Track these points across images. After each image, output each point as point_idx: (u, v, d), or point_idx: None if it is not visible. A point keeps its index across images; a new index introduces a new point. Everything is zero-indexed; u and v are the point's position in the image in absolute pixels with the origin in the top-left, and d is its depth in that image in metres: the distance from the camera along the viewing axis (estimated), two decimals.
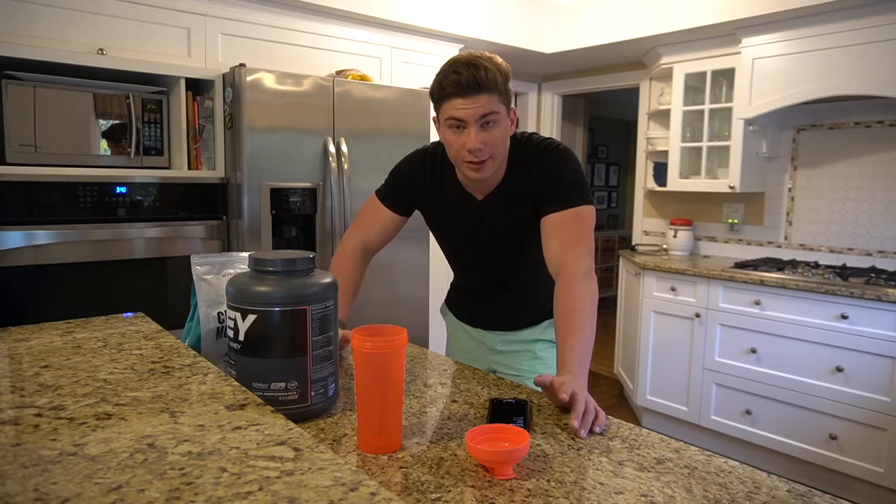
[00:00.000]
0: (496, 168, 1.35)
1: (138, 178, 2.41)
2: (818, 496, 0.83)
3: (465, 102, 1.25)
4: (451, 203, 1.49)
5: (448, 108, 1.27)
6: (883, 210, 3.14)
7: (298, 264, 1.05)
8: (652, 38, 3.56)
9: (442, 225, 1.56)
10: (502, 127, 1.30)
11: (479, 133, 1.26)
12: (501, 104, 1.28)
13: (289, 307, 1.00)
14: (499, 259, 1.51)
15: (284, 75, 2.58)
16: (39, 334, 1.20)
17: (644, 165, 4.26)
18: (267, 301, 1.00)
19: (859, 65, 2.82)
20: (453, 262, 1.63)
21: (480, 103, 1.24)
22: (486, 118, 1.26)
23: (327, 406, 1.08)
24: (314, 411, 1.06)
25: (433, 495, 0.82)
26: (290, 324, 1.01)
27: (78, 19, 2.42)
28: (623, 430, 1.05)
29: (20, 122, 2.20)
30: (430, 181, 1.50)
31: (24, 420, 0.76)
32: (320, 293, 1.04)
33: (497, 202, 1.43)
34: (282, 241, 2.69)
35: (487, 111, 1.25)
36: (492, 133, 1.28)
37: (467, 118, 1.26)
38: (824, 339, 2.73)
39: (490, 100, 1.25)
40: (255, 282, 1.03)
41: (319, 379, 1.05)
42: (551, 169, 1.36)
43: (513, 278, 1.54)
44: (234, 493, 0.58)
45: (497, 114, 1.27)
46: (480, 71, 1.23)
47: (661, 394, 3.41)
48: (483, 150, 1.28)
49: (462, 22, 3.53)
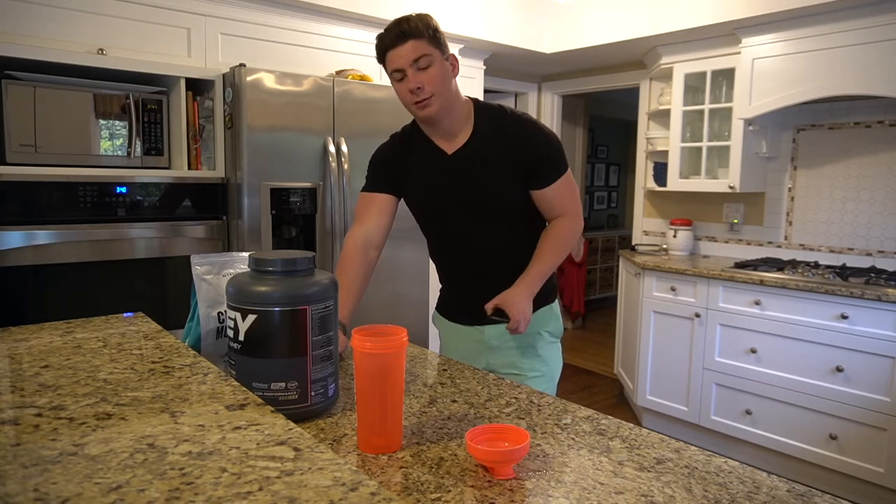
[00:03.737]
0: (444, 106, 1.45)
1: (138, 178, 2.41)
2: (818, 496, 0.83)
3: (397, 51, 1.40)
4: (422, 161, 1.57)
5: (388, 63, 1.43)
6: (883, 210, 3.14)
7: (298, 264, 1.05)
8: (652, 38, 3.56)
9: (416, 188, 1.59)
10: (438, 67, 1.42)
11: (415, 74, 1.40)
12: (432, 48, 1.40)
13: (289, 307, 1.00)
14: (479, 228, 1.54)
15: (284, 75, 2.58)
16: (39, 334, 1.20)
17: (644, 165, 4.26)
18: (267, 301, 1.00)
19: (859, 65, 2.82)
20: (433, 240, 1.66)
21: (409, 48, 1.39)
22: (419, 61, 1.39)
23: (327, 406, 1.08)
24: (314, 411, 1.06)
25: (433, 495, 0.82)
26: (290, 324, 1.01)
27: (78, 19, 2.42)
28: (623, 430, 1.05)
29: (20, 122, 2.20)
30: (401, 148, 1.61)
31: (24, 420, 0.76)
32: (321, 293, 1.04)
33: (466, 157, 1.51)
34: (282, 241, 2.69)
35: (418, 55, 1.39)
36: (428, 72, 1.41)
37: (402, 65, 1.40)
38: (824, 339, 2.73)
39: (418, 44, 1.39)
40: (255, 282, 1.03)
41: (319, 379, 1.05)
42: (542, 145, 1.50)
43: (497, 255, 1.56)
44: (234, 493, 0.58)
45: (429, 56, 1.40)
46: (403, 24, 1.39)
47: (661, 394, 3.41)
48: (423, 88, 1.41)
49: (461, 22, 3.53)
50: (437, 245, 1.66)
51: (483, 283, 1.56)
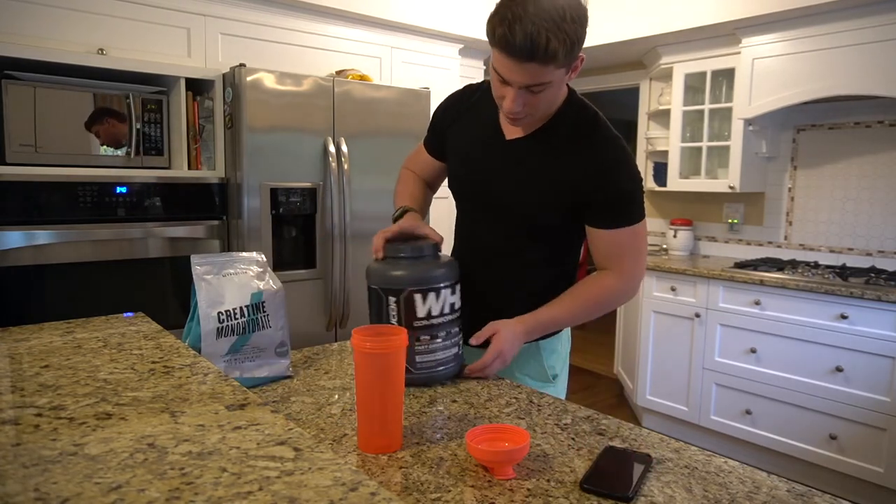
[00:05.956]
0: (536, 123, 1.23)
1: (138, 178, 2.41)
2: (818, 496, 0.83)
3: (512, 65, 1.07)
4: (474, 130, 1.34)
5: (495, 56, 1.11)
6: (883, 210, 3.14)
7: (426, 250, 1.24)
8: (652, 38, 3.56)
9: (456, 159, 1.39)
10: (552, 91, 1.14)
11: (520, 95, 1.12)
12: (557, 70, 1.09)
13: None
14: (500, 234, 1.32)
15: (284, 75, 2.58)
16: (39, 334, 1.20)
17: (644, 165, 4.26)
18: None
19: (859, 65, 2.82)
20: (458, 222, 1.46)
21: (529, 72, 1.07)
22: (533, 87, 1.10)
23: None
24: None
25: (433, 495, 0.82)
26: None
27: (78, 19, 2.42)
28: (623, 430, 1.05)
29: (20, 122, 2.20)
30: (464, 106, 1.37)
31: (24, 420, 0.76)
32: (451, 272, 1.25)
33: (523, 149, 1.26)
34: (282, 241, 2.69)
35: (535, 81, 1.09)
36: (536, 97, 1.13)
37: (510, 81, 1.10)
38: (824, 338, 2.73)
39: (542, 70, 1.07)
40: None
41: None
42: (623, 181, 1.22)
43: (508, 274, 1.35)
44: (234, 493, 0.58)
45: (547, 84, 1.10)
46: (540, 38, 1.02)
47: (661, 394, 3.41)
48: (521, 111, 1.15)
49: (462, 22, 3.53)
50: (459, 232, 1.46)
51: (478, 299, 1.33)
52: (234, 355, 1.23)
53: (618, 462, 0.91)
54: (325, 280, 2.76)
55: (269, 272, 1.32)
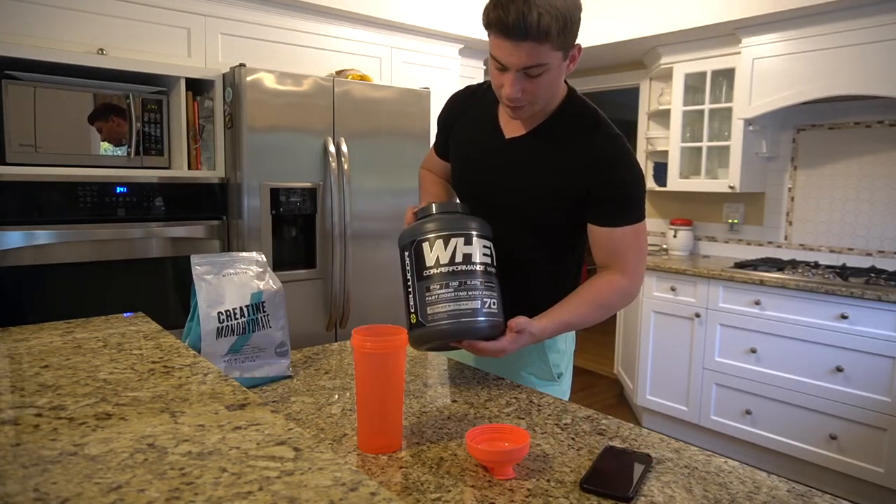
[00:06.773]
0: (537, 112, 1.23)
1: (138, 178, 2.41)
2: (818, 496, 0.83)
3: (508, 46, 1.07)
4: (473, 129, 1.34)
5: (491, 42, 1.11)
6: (883, 210, 3.14)
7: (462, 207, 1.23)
8: (652, 38, 3.56)
9: (457, 156, 1.40)
10: (551, 76, 1.13)
11: (518, 80, 1.11)
12: (553, 51, 1.09)
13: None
14: (500, 234, 1.27)
15: (284, 75, 2.58)
16: (39, 334, 1.20)
17: (644, 165, 4.26)
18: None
19: (859, 65, 2.82)
20: None
21: (525, 52, 1.07)
22: (530, 70, 1.10)
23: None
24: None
25: (433, 495, 0.82)
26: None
27: (78, 19, 2.42)
28: (623, 429, 1.05)
29: (20, 122, 2.20)
30: (466, 103, 1.38)
31: (24, 420, 0.76)
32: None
33: (523, 148, 1.27)
34: (282, 241, 2.69)
35: (532, 63, 1.08)
36: (535, 82, 1.12)
37: (508, 64, 1.10)
38: (824, 339, 2.73)
39: (538, 49, 1.07)
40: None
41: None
42: (626, 180, 1.22)
43: (515, 270, 1.28)
44: (234, 493, 0.58)
45: (544, 65, 1.10)
46: (532, 14, 1.03)
47: (661, 394, 3.41)
48: (521, 98, 1.14)
49: (462, 22, 3.52)
50: None
51: None
52: (234, 355, 1.23)
53: (618, 462, 0.91)
54: (325, 280, 2.76)
55: (269, 272, 1.32)
